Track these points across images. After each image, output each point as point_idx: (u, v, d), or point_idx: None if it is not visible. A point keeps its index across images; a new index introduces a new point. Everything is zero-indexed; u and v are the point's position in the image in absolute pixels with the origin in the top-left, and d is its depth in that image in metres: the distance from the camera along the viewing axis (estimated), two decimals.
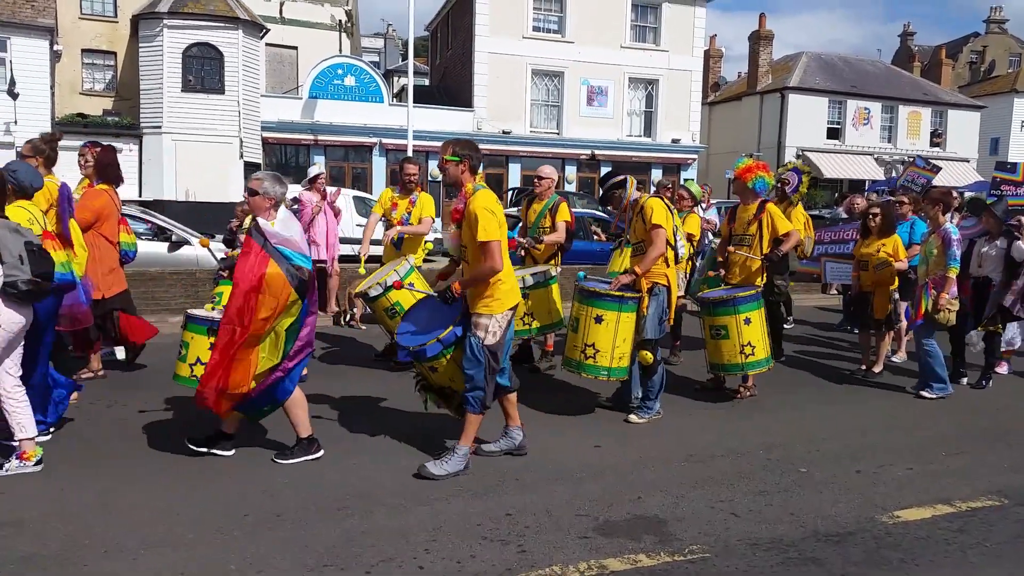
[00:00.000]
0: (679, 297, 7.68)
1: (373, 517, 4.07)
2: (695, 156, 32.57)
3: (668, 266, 5.86)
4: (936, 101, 38.62)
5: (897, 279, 7.62)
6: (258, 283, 4.44)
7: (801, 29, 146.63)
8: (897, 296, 7.76)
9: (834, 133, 36.48)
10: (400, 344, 5.02)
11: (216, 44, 24.61)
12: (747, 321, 6.31)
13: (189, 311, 5.45)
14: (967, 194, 13.69)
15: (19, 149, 24.23)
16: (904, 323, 8.18)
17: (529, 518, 4.10)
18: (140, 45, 24.92)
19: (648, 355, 5.78)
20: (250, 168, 25.44)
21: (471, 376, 4.65)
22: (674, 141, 31.73)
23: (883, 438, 5.74)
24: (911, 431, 5.97)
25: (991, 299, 7.25)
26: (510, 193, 25.42)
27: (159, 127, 24.21)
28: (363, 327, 9.65)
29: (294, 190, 15.39)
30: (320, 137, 27.73)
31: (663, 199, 5.98)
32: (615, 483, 4.66)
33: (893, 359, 8.38)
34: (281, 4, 30.77)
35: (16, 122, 22.97)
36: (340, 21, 32.15)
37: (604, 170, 30.86)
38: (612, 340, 5.70)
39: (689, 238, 7.75)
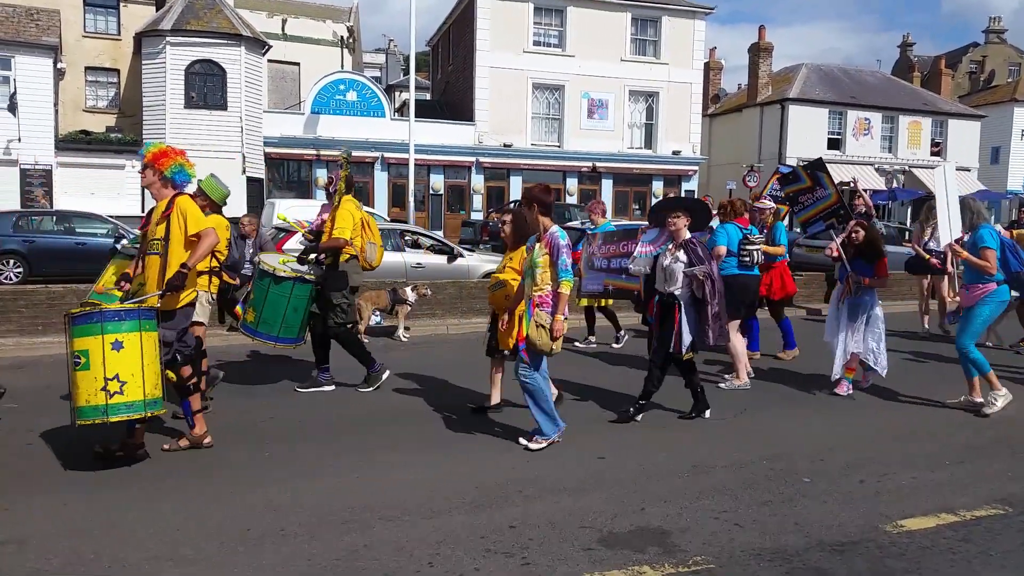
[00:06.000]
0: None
1: (376, 531, 4.06)
2: (696, 168, 32.66)
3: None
4: (936, 111, 38.66)
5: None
6: None
7: (797, 40, 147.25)
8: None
9: (835, 143, 36.52)
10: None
11: (219, 61, 24.78)
12: (116, 346, 4.69)
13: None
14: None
15: (24, 167, 24.30)
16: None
17: (533, 530, 4.10)
18: (143, 62, 25.09)
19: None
20: (253, 184, 25.56)
21: None
22: (675, 153, 31.83)
23: (886, 448, 5.73)
24: (913, 441, 5.95)
25: (684, 323, 6.11)
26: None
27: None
28: (366, 339, 9.66)
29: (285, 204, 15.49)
30: (322, 152, 27.83)
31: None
32: (619, 494, 4.65)
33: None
34: (283, 20, 31.00)
35: (20, 139, 23.09)
36: (342, 37, 32.37)
37: (605, 183, 31.07)
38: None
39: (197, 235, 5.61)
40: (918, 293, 12.12)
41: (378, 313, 10.15)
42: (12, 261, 14.98)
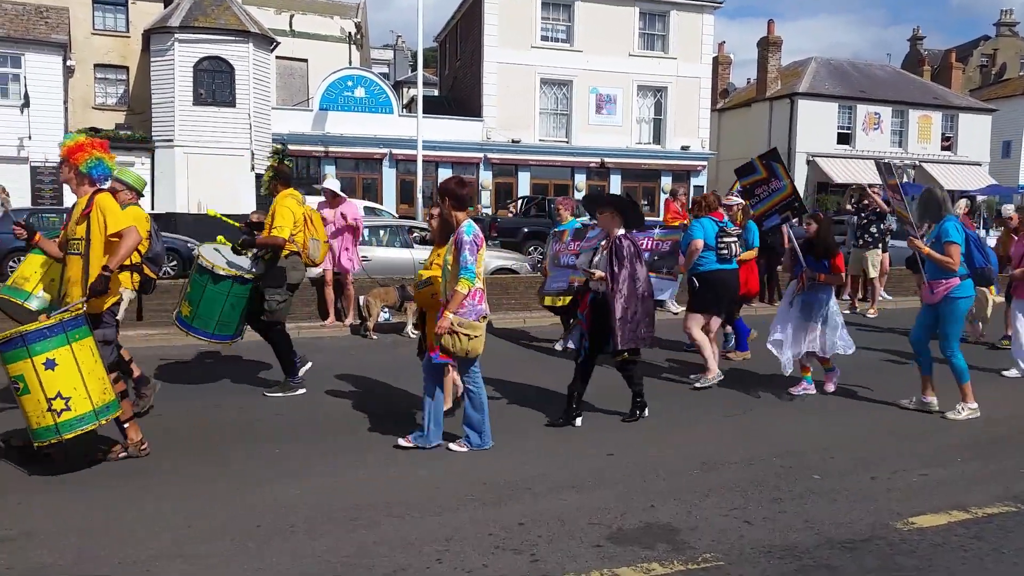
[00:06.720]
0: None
1: (385, 527, 4.07)
2: (705, 163, 32.54)
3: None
4: (947, 105, 38.42)
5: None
6: None
7: (805, 34, 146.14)
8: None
9: (844, 138, 36.36)
10: None
11: (227, 57, 24.79)
12: (49, 364, 4.49)
13: None
14: (979, 198, 13.36)
15: (34, 164, 24.36)
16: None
17: (542, 527, 4.10)
18: (152, 59, 25.14)
19: None
20: (261, 180, 25.59)
21: None
22: (683, 148, 31.73)
23: (896, 445, 5.70)
24: (924, 438, 5.92)
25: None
26: (520, 202, 25.45)
27: (171, 140, 24.39)
28: (375, 336, 9.67)
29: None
30: (331, 148, 27.87)
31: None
32: (628, 491, 4.64)
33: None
34: (291, 17, 31.00)
35: (30, 137, 23.20)
36: (350, 33, 32.36)
37: (614, 178, 30.99)
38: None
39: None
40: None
41: (387, 310, 10.16)
42: (22, 259, 15.07)
